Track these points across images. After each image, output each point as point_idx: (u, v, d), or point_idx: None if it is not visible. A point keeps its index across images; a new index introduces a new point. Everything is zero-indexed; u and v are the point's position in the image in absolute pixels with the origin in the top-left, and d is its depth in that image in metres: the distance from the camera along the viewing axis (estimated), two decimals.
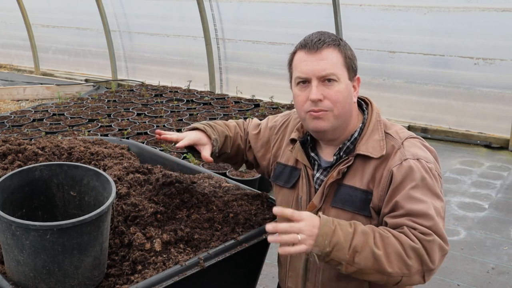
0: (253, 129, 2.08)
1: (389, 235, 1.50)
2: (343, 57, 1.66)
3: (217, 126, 2.02)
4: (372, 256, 1.47)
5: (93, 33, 9.76)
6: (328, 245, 1.47)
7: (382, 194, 1.62)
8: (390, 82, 7.05)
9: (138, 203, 1.86)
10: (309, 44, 1.66)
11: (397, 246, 1.48)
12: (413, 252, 1.48)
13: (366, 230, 1.51)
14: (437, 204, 1.56)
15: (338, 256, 1.48)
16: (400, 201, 1.55)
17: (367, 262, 1.48)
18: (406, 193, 1.55)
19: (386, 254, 1.47)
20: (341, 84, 1.65)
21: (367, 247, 1.47)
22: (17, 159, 2.16)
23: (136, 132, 6.18)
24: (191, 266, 1.63)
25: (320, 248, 1.47)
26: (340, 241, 1.47)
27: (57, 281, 1.47)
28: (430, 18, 6.57)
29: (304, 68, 1.65)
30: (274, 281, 3.33)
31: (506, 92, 6.27)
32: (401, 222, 1.54)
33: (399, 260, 1.48)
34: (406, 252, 1.48)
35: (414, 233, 1.50)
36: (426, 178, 1.57)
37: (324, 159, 1.78)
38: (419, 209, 1.53)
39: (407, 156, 1.61)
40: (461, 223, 4.48)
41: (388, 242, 1.48)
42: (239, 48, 8.35)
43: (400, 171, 1.59)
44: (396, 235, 1.50)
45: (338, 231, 1.48)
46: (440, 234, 1.52)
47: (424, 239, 1.49)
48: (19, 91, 9.02)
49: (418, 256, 1.48)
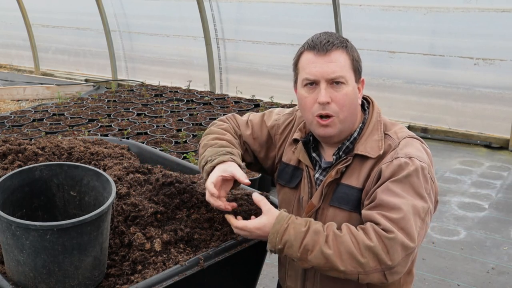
0: (244, 129, 1.98)
1: (344, 234, 1.50)
2: (351, 60, 1.66)
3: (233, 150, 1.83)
4: (322, 255, 1.49)
5: (93, 33, 9.76)
6: (280, 242, 1.54)
7: (368, 190, 1.62)
8: (390, 82, 7.05)
9: (138, 203, 1.86)
10: (318, 45, 1.64)
11: (350, 245, 1.48)
12: (367, 251, 1.46)
13: (319, 229, 1.53)
14: (417, 203, 1.52)
15: (290, 253, 1.54)
16: (378, 192, 1.56)
17: (319, 261, 1.50)
18: (386, 185, 1.55)
19: (338, 253, 1.48)
20: (349, 87, 1.64)
21: (317, 246, 1.50)
22: (17, 159, 2.16)
23: (136, 132, 6.18)
24: (191, 266, 1.63)
25: (271, 244, 1.57)
26: (290, 239, 1.53)
27: (57, 281, 1.47)
28: (430, 19, 6.57)
29: (314, 70, 1.64)
30: (274, 281, 3.33)
31: (506, 92, 6.27)
32: (370, 215, 1.53)
33: (351, 259, 1.47)
34: (360, 251, 1.47)
35: (376, 229, 1.48)
36: (412, 176, 1.55)
37: (325, 159, 1.78)
38: (391, 201, 1.51)
39: (399, 155, 1.61)
40: (461, 223, 4.48)
41: (341, 241, 1.49)
42: (239, 48, 8.35)
43: (389, 168, 1.58)
44: (353, 232, 1.50)
45: (290, 230, 1.54)
46: (407, 231, 1.47)
47: (384, 236, 1.46)
48: (19, 91, 9.02)
49: (373, 254, 1.46)
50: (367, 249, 1.46)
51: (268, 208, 1.62)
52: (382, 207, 1.52)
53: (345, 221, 1.65)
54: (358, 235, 1.49)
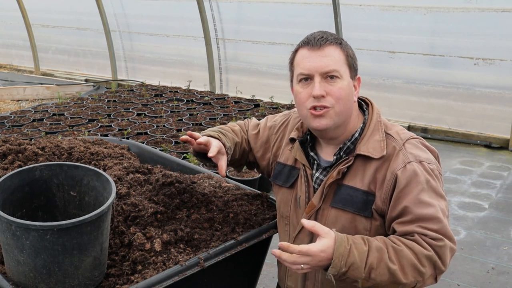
0: (252, 129, 2.07)
1: (403, 247, 1.52)
2: (345, 55, 1.67)
3: (227, 133, 1.97)
4: (387, 271, 1.50)
5: (93, 33, 9.76)
6: (344, 265, 1.48)
7: (385, 197, 1.62)
8: (390, 82, 7.05)
9: (138, 203, 1.86)
10: (312, 41, 1.66)
11: (411, 257, 1.51)
12: (427, 260, 1.52)
13: (380, 246, 1.52)
14: (442, 204, 1.59)
15: (354, 275, 1.50)
16: (409, 206, 1.57)
17: (383, 278, 1.51)
18: (415, 198, 1.57)
19: (401, 267, 1.51)
20: (344, 81, 1.65)
21: (382, 263, 1.50)
22: (17, 159, 2.17)
23: (136, 132, 6.18)
24: (191, 266, 1.63)
25: (336, 269, 1.48)
26: (355, 261, 1.49)
27: (57, 281, 1.47)
28: (429, 19, 6.57)
29: (307, 65, 1.65)
30: (274, 281, 3.33)
31: (506, 92, 6.27)
32: (411, 229, 1.56)
33: (413, 270, 1.51)
34: (420, 261, 1.51)
35: (426, 239, 1.53)
36: (430, 181, 1.59)
37: (324, 158, 1.78)
38: (428, 213, 1.55)
39: (410, 159, 1.61)
40: (461, 223, 4.48)
41: (402, 255, 1.51)
42: (239, 48, 8.36)
43: (404, 174, 1.59)
44: (409, 245, 1.53)
45: (353, 251, 1.49)
46: (448, 236, 1.56)
47: (435, 245, 1.53)
48: (19, 91, 9.02)
49: (431, 262, 1.53)
50: (426, 258, 1.52)
51: (327, 230, 1.51)
52: (420, 220, 1.55)
53: (348, 223, 1.65)
54: (414, 246, 1.52)
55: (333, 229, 1.54)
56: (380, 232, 1.65)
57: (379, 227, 1.65)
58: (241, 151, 2.04)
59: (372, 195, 1.64)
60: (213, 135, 1.89)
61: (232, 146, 1.94)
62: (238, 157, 2.04)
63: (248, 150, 2.07)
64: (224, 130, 1.98)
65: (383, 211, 1.63)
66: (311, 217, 1.73)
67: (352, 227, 1.66)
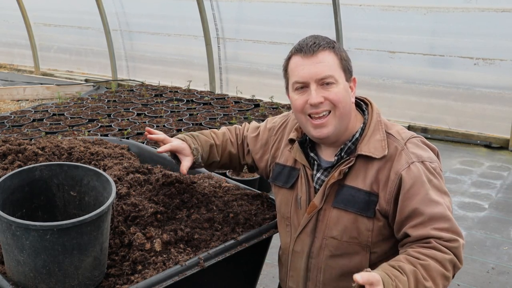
0: (252, 131, 2.08)
1: (429, 261, 1.52)
2: (339, 59, 1.67)
3: (200, 136, 2.03)
4: None
5: (94, 32, 9.76)
6: None
7: (389, 198, 1.62)
8: (389, 82, 7.05)
9: (138, 203, 1.86)
10: (304, 48, 1.65)
11: (438, 268, 1.53)
12: (450, 264, 1.55)
13: (412, 269, 1.50)
14: (447, 201, 1.62)
15: None
16: (419, 207, 1.57)
17: None
18: (423, 198, 1.58)
19: (433, 281, 1.52)
20: (340, 85, 1.65)
21: (420, 285, 1.50)
22: (17, 159, 2.17)
23: (136, 132, 6.17)
24: (191, 266, 1.63)
25: None
26: None
27: (57, 281, 1.47)
28: (429, 19, 6.57)
29: (302, 73, 1.65)
30: (274, 281, 3.33)
31: (506, 92, 6.27)
32: (426, 233, 1.56)
33: (442, 279, 1.54)
34: (445, 267, 1.54)
35: (442, 243, 1.55)
36: (433, 180, 1.61)
37: (324, 159, 1.78)
38: (439, 212, 1.57)
39: (413, 159, 1.62)
40: (461, 223, 4.48)
41: (431, 269, 1.52)
42: (239, 48, 8.35)
43: (409, 174, 1.59)
44: (431, 255, 1.53)
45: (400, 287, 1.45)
46: (458, 233, 1.59)
47: (452, 247, 1.56)
48: (19, 91, 9.02)
49: (452, 264, 1.56)
50: (449, 262, 1.55)
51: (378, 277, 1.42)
52: (432, 221, 1.57)
53: (350, 223, 1.65)
54: (436, 254, 1.54)
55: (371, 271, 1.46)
56: (382, 233, 1.65)
57: (382, 228, 1.65)
58: (226, 155, 2.06)
59: (374, 195, 1.64)
60: (180, 138, 1.98)
61: (204, 148, 1.99)
62: (224, 160, 2.07)
63: (244, 153, 2.08)
64: (200, 133, 2.04)
65: (387, 212, 1.63)
66: (313, 218, 1.73)
67: (354, 227, 1.66)
